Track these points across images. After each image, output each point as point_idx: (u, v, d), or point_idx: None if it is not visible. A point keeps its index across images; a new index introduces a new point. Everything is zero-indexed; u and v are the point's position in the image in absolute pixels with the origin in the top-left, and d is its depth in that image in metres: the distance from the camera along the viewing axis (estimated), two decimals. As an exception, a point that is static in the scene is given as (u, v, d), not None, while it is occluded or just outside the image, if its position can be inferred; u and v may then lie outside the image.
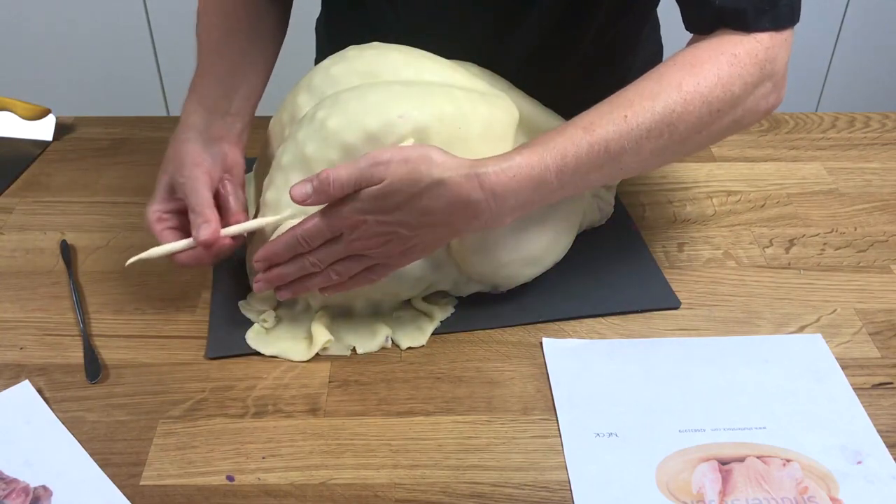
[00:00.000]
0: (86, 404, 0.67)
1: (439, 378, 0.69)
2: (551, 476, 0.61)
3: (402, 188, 0.60)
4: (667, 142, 0.63)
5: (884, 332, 0.73)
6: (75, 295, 0.76)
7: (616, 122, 0.62)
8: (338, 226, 0.63)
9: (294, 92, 0.76)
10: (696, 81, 0.63)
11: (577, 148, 0.62)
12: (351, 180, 0.61)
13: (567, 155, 0.62)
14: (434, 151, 0.62)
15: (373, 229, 0.62)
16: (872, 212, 0.88)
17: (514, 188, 0.61)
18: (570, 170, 0.62)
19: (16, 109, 1.03)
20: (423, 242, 0.64)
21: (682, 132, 0.63)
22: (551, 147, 0.62)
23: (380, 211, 0.61)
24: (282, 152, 0.71)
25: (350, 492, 0.60)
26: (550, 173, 0.62)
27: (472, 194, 0.61)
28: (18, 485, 0.60)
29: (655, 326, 0.74)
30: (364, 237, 0.63)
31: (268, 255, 0.66)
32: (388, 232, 0.63)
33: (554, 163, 0.62)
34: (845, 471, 0.61)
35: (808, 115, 1.05)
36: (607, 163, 0.63)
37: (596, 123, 0.63)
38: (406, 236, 0.63)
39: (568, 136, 0.62)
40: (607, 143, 0.62)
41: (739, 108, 0.66)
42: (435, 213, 0.62)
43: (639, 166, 0.65)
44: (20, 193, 0.93)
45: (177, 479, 0.61)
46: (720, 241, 0.84)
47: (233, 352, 0.71)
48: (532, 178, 0.62)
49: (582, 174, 0.63)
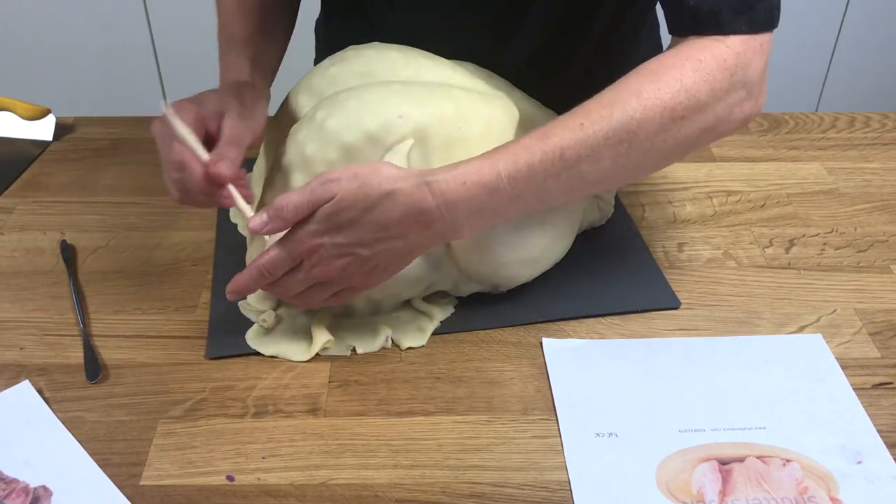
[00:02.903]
0: (86, 404, 0.67)
1: (439, 378, 0.69)
2: (551, 476, 0.61)
3: (353, 203, 0.60)
4: (628, 150, 0.62)
5: (884, 332, 0.73)
6: (76, 295, 0.76)
7: (571, 130, 0.62)
8: (297, 252, 0.62)
9: (294, 92, 0.76)
10: (657, 88, 0.62)
11: (531, 155, 0.61)
12: (303, 202, 0.61)
13: (519, 161, 0.61)
14: (384, 165, 0.62)
15: (330, 252, 0.62)
16: (872, 212, 0.88)
17: (464, 195, 0.61)
18: (522, 176, 0.61)
19: (16, 109, 1.03)
20: (383, 262, 0.64)
21: (643, 140, 0.62)
22: (504, 154, 0.62)
23: (334, 229, 0.61)
24: (282, 152, 0.71)
25: (350, 492, 0.60)
26: (502, 180, 0.61)
27: (423, 202, 0.60)
28: (18, 485, 0.60)
29: (655, 326, 0.74)
30: (323, 262, 0.62)
31: (237, 288, 0.65)
32: (345, 253, 0.62)
33: (506, 169, 0.61)
34: (845, 471, 0.61)
35: (808, 115, 1.05)
36: (564, 170, 0.62)
37: (551, 132, 0.62)
38: (364, 257, 0.62)
39: (522, 144, 0.62)
40: (562, 151, 0.61)
41: (708, 114, 0.64)
42: (388, 227, 0.61)
43: (603, 176, 0.64)
44: (20, 193, 0.93)
45: (177, 479, 0.61)
46: (720, 241, 0.84)
47: (233, 352, 0.71)
48: (483, 185, 0.61)
49: (538, 182, 0.62)
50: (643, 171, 0.67)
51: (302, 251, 0.63)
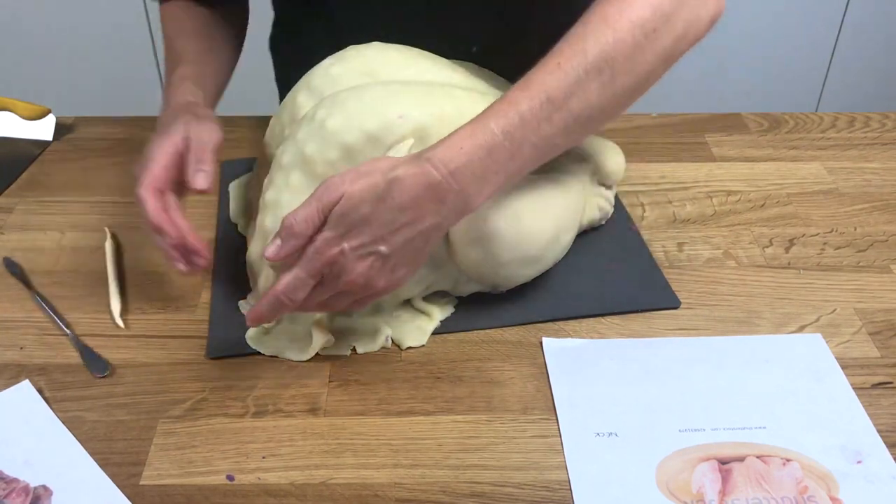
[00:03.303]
0: (86, 404, 0.67)
1: (439, 378, 0.69)
2: (551, 476, 0.61)
3: (362, 197, 0.60)
4: (611, 76, 0.63)
5: (883, 331, 0.73)
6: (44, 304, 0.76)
7: (551, 72, 0.62)
8: (316, 269, 0.61)
9: (294, 92, 0.76)
10: (621, 10, 0.63)
11: (517, 105, 0.61)
12: (311, 210, 0.61)
13: (509, 114, 0.61)
14: (381, 158, 0.62)
15: (350, 258, 0.61)
16: (872, 212, 0.88)
17: (465, 160, 0.60)
18: (515, 127, 0.61)
19: (16, 109, 1.03)
20: (404, 256, 0.63)
21: (623, 63, 0.63)
22: (491, 112, 0.62)
23: (349, 231, 0.60)
24: (282, 152, 0.71)
25: (350, 491, 0.60)
26: (497, 136, 0.61)
27: (430, 177, 0.60)
28: (18, 485, 0.60)
29: (655, 326, 0.74)
30: (345, 271, 0.61)
31: (257, 318, 0.64)
32: (366, 255, 0.61)
33: (498, 125, 0.61)
34: (845, 471, 0.61)
35: (808, 115, 1.05)
36: (554, 112, 0.62)
37: (532, 79, 0.62)
38: (386, 254, 0.61)
39: (507, 99, 0.62)
40: (547, 94, 0.62)
41: (677, 22, 0.65)
42: (403, 212, 0.60)
43: (596, 109, 0.64)
44: (20, 193, 0.93)
45: (177, 478, 0.61)
46: (720, 240, 0.84)
47: (233, 352, 0.71)
48: (481, 146, 0.61)
49: (532, 129, 0.62)
50: (632, 94, 0.67)
51: (321, 266, 0.61)
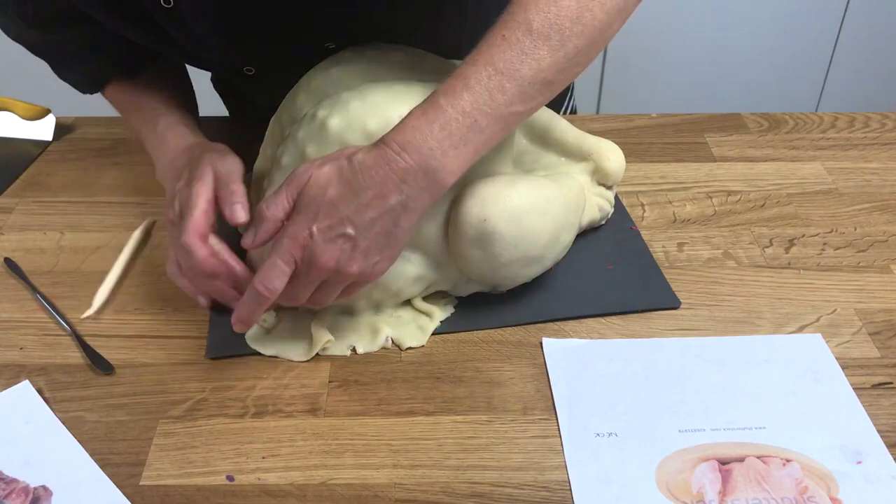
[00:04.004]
0: (86, 404, 0.67)
1: (439, 378, 0.69)
2: (551, 476, 0.61)
3: (328, 179, 0.61)
4: (561, 40, 0.62)
5: (884, 332, 0.73)
6: (46, 303, 0.76)
7: (496, 45, 0.62)
8: (287, 254, 0.62)
9: (294, 92, 0.76)
10: None
11: (465, 80, 0.61)
12: (280, 195, 0.62)
13: (456, 89, 0.61)
14: (347, 147, 0.64)
15: (318, 242, 0.61)
16: (872, 212, 0.88)
17: (419, 136, 0.60)
18: (466, 101, 0.61)
19: (16, 109, 1.03)
20: (374, 241, 0.62)
21: (571, 26, 0.62)
22: (441, 90, 0.62)
23: (318, 213, 0.61)
24: (282, 152, 0.71)
25: (350, 492, 0.60)
26: (448, 111, 0.61)
27: (386, 156, 0.60)
28: (18, 485, 0.60)
29: (655, 326, 0.74)
30: (315, 256, 0.61)
31: (242, 318, 0.65)
32: (334, 237, 0.61)
33: (447, 101, 0.61)
34: (845, 471, 0.61)
35: (808, 115, 1.05)
36: (505, 81, 0.61)
37: (477, 53, 0.62)
38: (353, 236, 0.61)
39: (455, 75, 0.62)
40: (494, 65, 0.61)
41: None
42: (365, 191, 0.61)
43: (551, 72, 0.63)
44: (20, 193, 0.93)
45: (177, 479, 0.61)
46: (720, 240, 0.84)
47: (233, 352, 0.71)
48: (431, 121, 0.61)
49: (484, 101, 0.61)
50: (589, 52, 0.66)
51: (292, 251, 0.62)
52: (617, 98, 2.13)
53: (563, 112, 1.05)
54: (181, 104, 0.84)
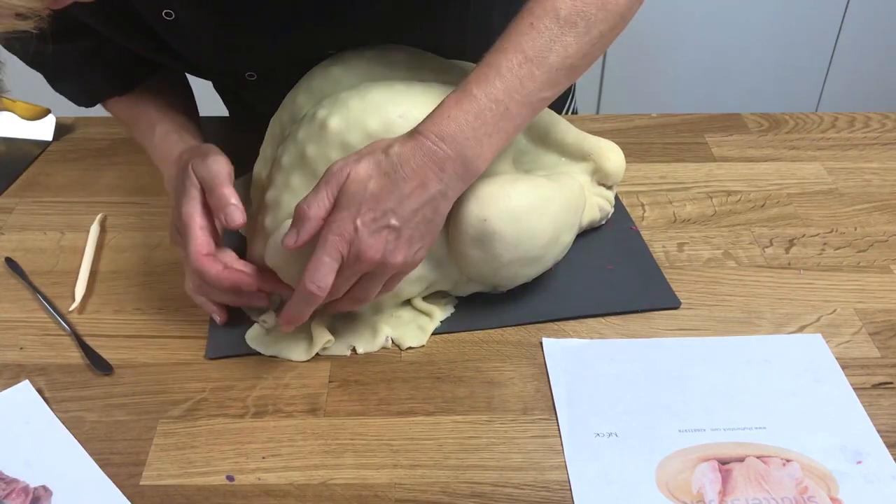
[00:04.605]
0: (86, 404, 0.67)
1: (439, 378, 0.69)
2: (551, 476, 0.61)
3: (368, 173, 0.61)
4: (587, 26, 0.64)
5: (884, 332, 0.73)
6: (45, 304, 0.76)
7: (524, 32, 0.63)
8: (334, 249, 0.62)
9: (294, 92, 0.76)
10: None
11: (497, 69, 0.63)
12: (321, 194, 0.62)
13: (490, 78, 0.63)
14: (378, 141, 0.64)
15: (364, 234, 0.62)
16: (872, 212, 0.88)
17: (455, 126, 0.62)
18: (498, 90, 0.62)
19: (16, 109, 1.03)
20: (416, 229, 0.63)
21: (596, 12, 0.64)
22: (473, 79, 0.63)
23: (361, 207, 0.61)
24: (282, 152, 0.71)
25: (350, 492, 0.60)
26: (481, 100, 0.62)
27: (424, 147, 0.61)
28: (18, 485, 0.60)
29: (655, 326, 0.74)
30: (363, 249, 0.62)
31: (292, 319, 0.66)
32: (379, 229, 0.62)
33: (480, 90, 0.62)
34: (845, 470, 0.61)
35: (808, 115, 1.05)
36: (535, 69, 0.63)
37: (507, 41, 0.64)
38: (397, 227, 0.62)
39: (485, 63, 0.64)
40: (524, 53, 0.63)
41: None
42: (407, 182, 0.61)
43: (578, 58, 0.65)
44: (20, 193, 0.93)
45: (177, 479, 0.61)
46: (720, 241, 0.84)
47: (233, 352, 0.71)
48: (467, 111, 0.62)
49: (515, 88, 0.63)
50: (611, 35, 0.68)
51: (338, 247, 0.62)
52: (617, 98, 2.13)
53: (565, 113, 1.05)
54: (178, 109, 0.84)
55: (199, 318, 0.75)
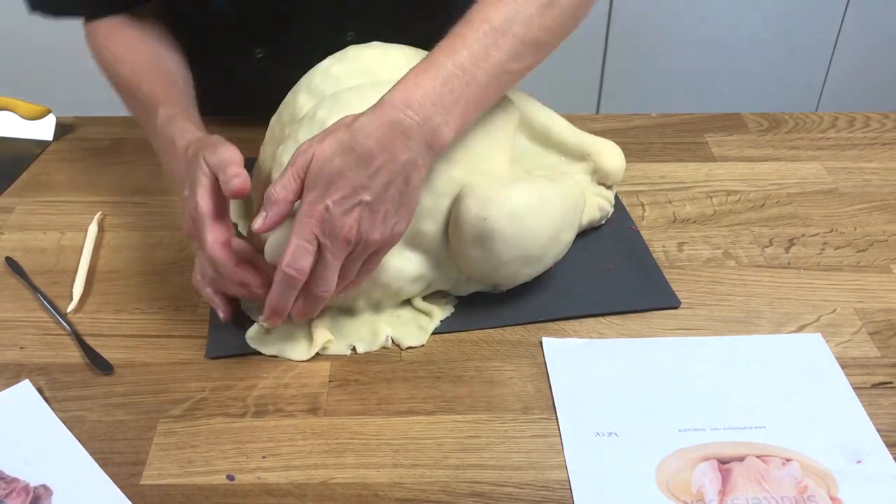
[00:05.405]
0: (86, 404, 0.67)
1: (439, 378, 0.69)
2: (551, 476, 0.61)
3: (332, 151, 0.61)
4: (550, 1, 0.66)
5: (883, 331, 0.73)
6: (45, 304, 0.76)
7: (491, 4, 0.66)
8: (307, 231, 0.61)
9: (294, 92, 0.76)
10: None
11: (463, 38, 0.64)
12: (287, 176, 0.62)
13: (456, 46, 0.64)
14: (344, 117, 0.64)
15: (336, 214, 0.61)
16: (872, 212, 0.88)
17: (421, 92, 0.62)
18: (465, 58, 0.63)
19: (16, 109, 1.03)
20: (390, 203, 0.63)
21: None
22: (439, 49, 0.65)
23: (328, 187, 0.61)
24: (282, 151, 0.71)
25: (350, 491, 0.60)
26: (448, 67, 0.63)
27: (389, 116, 0.61)
28: (18, 484, 0.60)
29: (655, 326, 0.74)
30: (336, 228, 0.61)
31: (276, 310, 0.65)
32: (351, 207, 0.61)
33: (446, 57, 0.63)
34: (845, 470, 0.61)
35: (808, 115, 1.05)
36: (500, 37, 0.65)
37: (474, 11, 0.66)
38: (370, 202, 0.61)
39: (452, 34, 0.65)
40: (490, 23, 0.65)
41: None
42: (374, 156, 0.61)
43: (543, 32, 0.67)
44: (20, 193, 0.93)
45: (177, 478, 0.61)
46: (720, 240, 0.84)
47: (233, 352, 0.71)
48: (434, 77, 0.63)
49: (482, 56, 0.64)
50: (576, 12, 0.70)
51: (311, 228, 0.61)
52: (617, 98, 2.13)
53: None
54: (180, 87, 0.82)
55: (199, 317, 0.75)
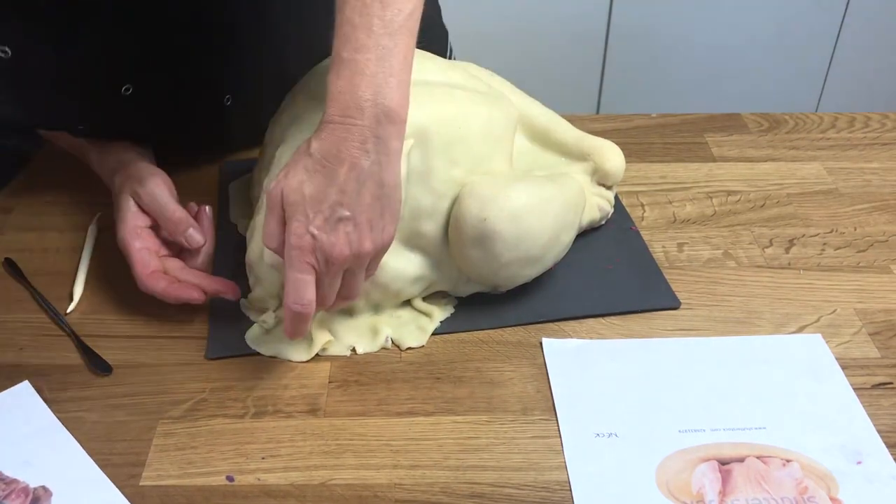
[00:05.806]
0: (86, 404, 0.67)
1: (439, 378, 0.69)
2: (551, 476, 0.61)
3: (300, 181, 0.61)
4: None
5: (884, 332, 0.73)
6: (44, 304, 0.76)
7: None
8: (302, 262, 0.61)
9: (293, 93, 0.76)
10: None
11: (349, 22, 0.62)
12: (269, 222, 0.63)
13: (347, 34, 0.62)
14: (299, 147, 0.63)
15: (324, 237, 0.61)
16: (872, 212, 0.88)
17: (347, 96, 0.61)
18: (358, 38, 0.61)
19: (16, 109, 1.02)
20: (370, 208, 0.62)
21: None
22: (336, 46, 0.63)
23: (307, 214, 0.61)
24: (281, 153, 0.71)
25: (350, 492, 0.60)
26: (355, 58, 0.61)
27: (335, 130, 0.61)
28: (18, 485, 0.60)
29: (655, 326, 0.74)
30: (328, 250, 0.61)
31: (293, 335, 0.65)
32: (335, 225, 0.61)
33: (346, 49, 0.62)
34: (845, 470, 0.61)
35: (808, 115, 1.05)
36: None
37: None
38: (350, 216, 0.61)
39: (337, 26, 0.63)
40: None
41: None
42: (337, 170, 0.61)
43: None
44: (20, 193, 0.93)
45: (177, 479, 0.61)
46: (720, 241, 0.84)
47: (233, 352, 0.71)
48: (348, 77, 0.61)
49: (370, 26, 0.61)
50: None
51: (304, 259, 0.61)
52: (617, 98, 2.13)
53: (449, 56, 1.07)
54: None
55: (199, 317, 0.75)
